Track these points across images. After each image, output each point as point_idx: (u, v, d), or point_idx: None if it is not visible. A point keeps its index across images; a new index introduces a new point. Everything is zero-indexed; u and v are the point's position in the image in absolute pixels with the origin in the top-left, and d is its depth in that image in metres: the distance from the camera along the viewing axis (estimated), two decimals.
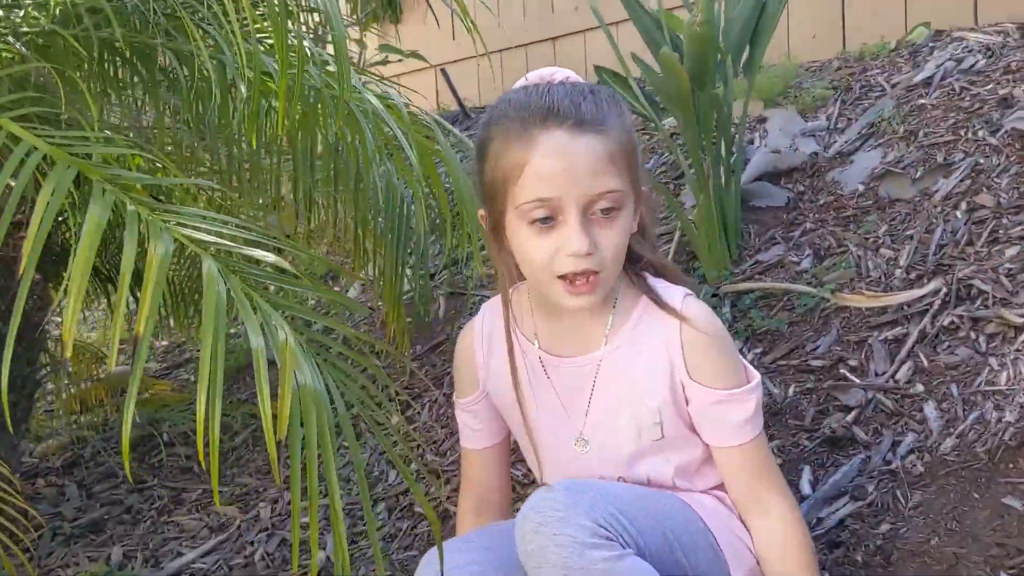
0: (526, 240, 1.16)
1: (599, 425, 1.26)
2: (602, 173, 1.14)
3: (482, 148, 1.21)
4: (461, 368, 1.39)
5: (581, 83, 1.21)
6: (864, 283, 1.85)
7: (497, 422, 1.39)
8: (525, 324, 1.31)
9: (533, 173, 1.13)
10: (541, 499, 1.08)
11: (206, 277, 0.86)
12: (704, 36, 1.88)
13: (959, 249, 1.79)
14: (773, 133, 2.44)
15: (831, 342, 1.77)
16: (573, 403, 1.28)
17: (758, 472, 1.23)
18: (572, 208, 1.13)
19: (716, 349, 1.22)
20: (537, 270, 1.18)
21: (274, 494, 2.12)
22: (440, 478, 1.93)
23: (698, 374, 1.21)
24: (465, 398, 1.39)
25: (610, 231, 1.15)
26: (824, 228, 2.06)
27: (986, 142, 1.99)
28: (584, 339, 1.26)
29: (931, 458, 1.46)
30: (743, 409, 1.21)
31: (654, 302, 1.24)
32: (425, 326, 2.61)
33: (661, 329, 1.23)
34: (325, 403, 0.89)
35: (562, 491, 1.08)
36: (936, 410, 1.53)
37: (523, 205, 1.14)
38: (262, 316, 0.88)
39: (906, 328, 1.72)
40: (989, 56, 2.29)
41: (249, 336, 0.85)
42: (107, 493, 2.37)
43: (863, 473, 1.49)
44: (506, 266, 1.25)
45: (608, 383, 1.25)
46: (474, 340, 1.36)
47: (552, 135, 1.13)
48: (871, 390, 1.63)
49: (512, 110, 1.17)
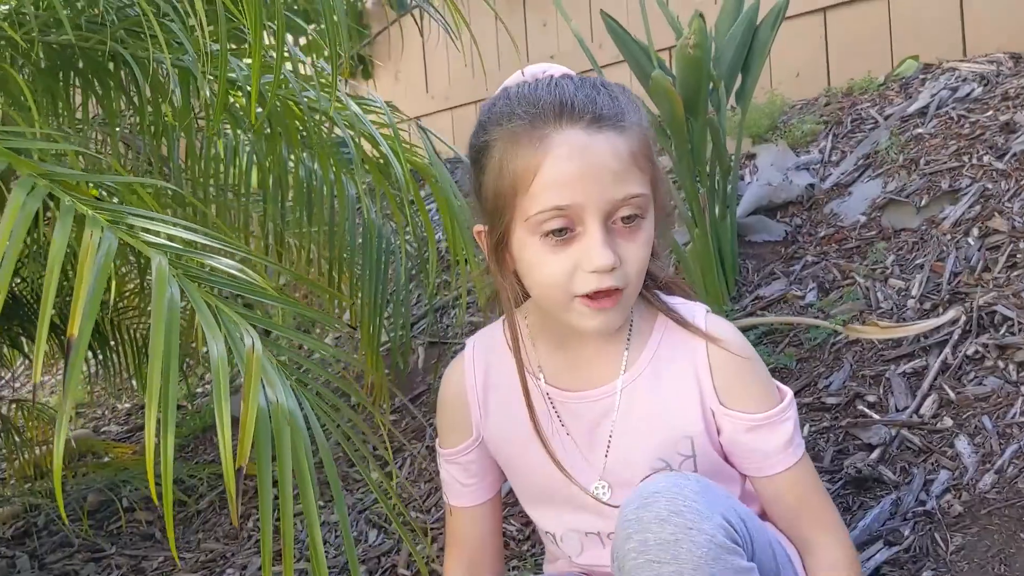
0: (538, 257, 1.00)
1: (621, 466, 1.09)
2: (625, 175, 0.99)
3: (480, 153, 1.05)
4: (448, 413, 1.20)
5: (589, 77, 1.07)
6: (875, 315, 1.74)
7: (492, 474, 1.21)
8: (527, 356, 1.14)
9: (547, 179, 0.98)
10: (674, 484, 0.92)
11: (155, 277, 0.72)
12: (697, 60, 1.79)
13: (975, 276, 1.69)
14: (764, 168, 2.35)
15: (845, 377, 1.65)
16: (589, 444, 1.11)
17: (806, 500, 1.08)
18: (593, 217, 0.98)
19: (748, 370, 1.08)
20: (551, 291, 1.02)
21: (242, 559, 1.94)
22: (427, 536, 1.77)
23: (730, 400, 1.07)
24: (453, 448, 1.19)
25: (634, 243, 1.00)
26: (827, 260, 1.96)
27: (993, 167, 1.90)
28: (598, 369, 1.11)
29: (969, 496, 1.33)
30: (782, 432, 1.07)
31: (676, 322, 1.09)
32: (404, 377, 2.46)
33: (685, 351, 1.08)
34: (300, 426, 0.75)
35: (695, 481, 0.93)
36: (970, 445, 1.41)
37: (535, 216, 0.98)
38: (224, 326, 0.74)
39: (925, 360, 1.60)
40: (985, 84, 2.22)
41: (208, 345, 0.71)
42: (61, 563, 2.17)
43: (895, 515, 1.36)
44: (512, 289, 1.08)
45: (629, 416, 1.09)
46: (464, 378, 1.18)
47: (568, 134, 0.98)
48: (894, 426, 1.50)
49: (517, 107, 1.01)
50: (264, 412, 0.71)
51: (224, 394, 0.70)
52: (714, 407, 1.07)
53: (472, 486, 1.21)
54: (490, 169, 1.03)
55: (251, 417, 0.69)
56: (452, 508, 1.23)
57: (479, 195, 1.06)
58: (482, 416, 1.17)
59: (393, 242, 2.20)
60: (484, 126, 1.05)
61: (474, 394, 1.18)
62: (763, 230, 2.12)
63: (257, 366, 0.71)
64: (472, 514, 1.22)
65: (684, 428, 1.07)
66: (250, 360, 0.71)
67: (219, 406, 0.70)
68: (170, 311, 0.70)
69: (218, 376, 0.70)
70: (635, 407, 1.09)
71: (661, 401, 1.08)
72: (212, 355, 0.71)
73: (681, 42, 1.77)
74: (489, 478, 1.21)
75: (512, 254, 1.05)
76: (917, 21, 2.61)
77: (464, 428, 1.19)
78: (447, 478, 1.22)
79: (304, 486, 0.74)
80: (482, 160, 1.04)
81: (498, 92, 1.07)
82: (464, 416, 1.18)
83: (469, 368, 1.19)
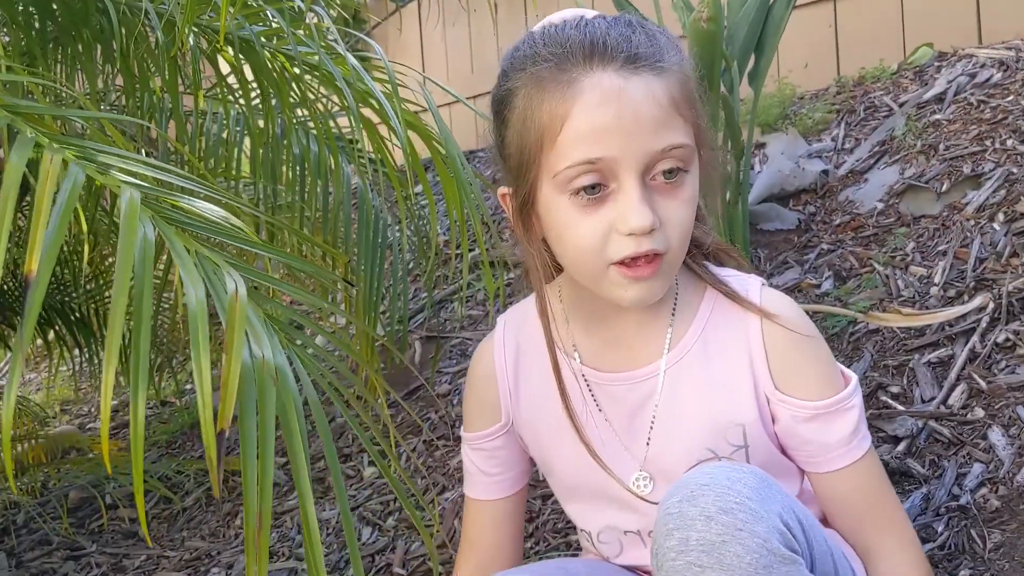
0: (567, 218, 0.89)
1: (665, 457, 0.98)
2: (665, 123, 0.87)
3: (502, 104, 0.93)
4: (476, 395, 1.10)
5: (624, 15, 0.95)
6: (896, 303, 1.65)
7: (519, 467, 1.11)
8: (560, 335, 1.03)
9: (577, 128, 0.86)
10: (726, 476, 0.80)
11: (125, 213, 0.63)
12: (711, 35, 1.71)
13: (1002, 262, 1.61)
14: (775, 157, 2.27)
15: (866, 367, 1.56)
16: (629, 431, 1.00)
17: (873, 501, 0.97)
18: (629, 172, 0.86)
19: (809, 351, 0.96)
20: (582, 257, 0.90)
21: (228, 558, 1.84)
22: (421, 534, 1.68)
23: (787, 385, 0.95)
24: (479, 432, 1.09)
25: (676, 201, 0.88)
26: (843, 248, 1.87)
27: (1017, 151, 1.82)
28: (639, 348, 0.99)
29: (1007, 491, 1.24)
30: (846, 421, 0.95)
31: (726, 295, 0.97)
32: (400, 372, 2.37)
33: (738, 329, 0.96)
34: (291, 387, 0.66)
35: (751, 474, 0.81)
36: (1004, 436, 1.32)
37: (564, 172, 0.87)
38: (204, 271, 0.65)
39: (950, 349, 1.52)
40: (1005, 70, 2.15)
41: (185, 289, 0.62)
42: (39, 562, 2.07)
43: (927, 510, 1.27)
44: (541, 256, 0.95)
45: (673, 402, 0.98)
46: (495, 358, 1.07)
47: (599, 77, 0.86)
48: (921, 417, 1.42)
49: (543, 48, 0.89)
50: (249, 369, 0.62)
51: (203, 349, 0.61)
52: (768, 392, 0.96)
53: (495, 476, 1.10)
54: (513, 121, 0.92)
55: (234, 373, 0.60)
56: (470, 500, 1.13)
57: (502, 152, 0.95)
58: (512, 400, 1.07)
59: (392, 236, 2.12)
60: (506, 73, 0.93)
61: (504, 376, 1.07)
62: (775, 218, 2.04)
63: (241, 315, 0.62)
64: (491, 510, 1.11)
65: (735, 415, 0.96)
66: (232, 307, 0.62)
67: (198, 362, 0.61)
68: (143, 256, 0.61)
69: (196, 328, 0.61)
70: (680, 390, 0.98)
71: (709, 384, 0.97)
72: (190, 303, 0.62)
73: (694, 15, 1.69)
74: (515, 471, 1.11)
75: (540, 217, 0.93)
76: (930, 9, 2.53)
77: (492, 412, 1.08)
78: (469, 466, 1.12)
79: (295, 453, 0.65)
80: (504, 112, 0.93)
81: (524, 35, 0.95)
82: (492, 399, 1.08)
83: (499, 347, 1.08)
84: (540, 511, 1.60)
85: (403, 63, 1.59)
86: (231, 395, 0.60)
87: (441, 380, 2.23)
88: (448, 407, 2.08)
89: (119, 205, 0.64)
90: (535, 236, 0.95)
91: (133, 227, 0.62)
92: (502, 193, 0.98)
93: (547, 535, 1.55)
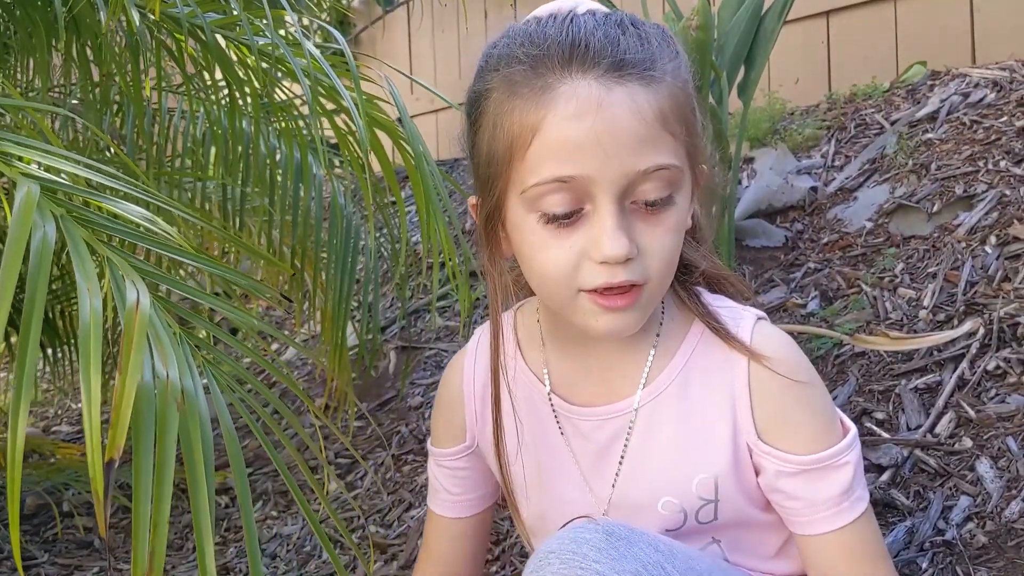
0: (536, 239, 0.80)
1: (629, 502, 0.90)
2: (650, 141, 0.77)
3: (473, 106, 0.85)
4: (443, 412, 1.03)
5: (617, 12, 0.83)
6: (883, 326, 1.60)
7: (483, 488, 1.04)
8: (533, 356, 0.95)
9: (548, 141, 0.77)
10: (572, 540, 0.75)
11: (18, 207, 0.55)
12: (700, 43, 1.66)
13: (994, 286, 1.55)
14: (763, 172, 2.21)
15: (850, 392, 1.50)
16: (595, 470, 0.91)
17: (865, 570, 0.86)
18: (605, 193, 0.77)
19: (801, 398, 0.86)
20: (551, 283, 0.81)
21: (184, 572, 1.77)
22: (385, 553, 1.61)
23: (773, 435, 0.86)
24: (444, 449, 1.02)
25: (659, 228, 0.79)
26: (830, 268, 1.82)
27: (1010, 172, 1.77)
28: (615, 381, 0.91)
29: (994, 526, 1.18)
30: (838, 479, 0.85)
31: (713, 330, 0.88)
32: (373, 382, 2.31)
33: (723, 369, 0.87)
34: (201, 411, 0.58)
35: (602, 534, 0.75)
36: (992, 468, 1.26)
37: (532, 189, 0.78)
38: (111, 273, 0.58)
39: (939, 375, 1.46)
40: (998, 90, 2.10)
41: (79, 296, 0.55)
42: None
43: (911, 545, 1.21)
44: (502, 278, 0.87)
45: (645, 442, 0.89)
46: (464, 375, 1.00)
47: (577, 85, 0.77)
48: (906, 446, 1.36)
49: (519, 48, 0.80)
50: (150, 391, 0.55)
51: (94, 366, 0.54)
52: (751, 442, 0.87)
53: (458, 496, 1.04)
54: (484, 126, 0.83)
55: (127, 395, 0.53)
56: (432, 512, 1.06)
57: (472, 157, 0.87)
58: (479, 423, 0.99)
59: (363, 236, 2.05)
60: (481, 71, 0.85)
61: (471, 396, 0.99)
62: (762, 234, 1.99)
63: (140, 329, 0.55)
64: (451, 526, 1.04)
65: (708, 464, 0.87)
66: (131, 320, 0.55)
67: (86, 382, 0.54)
68: (39, 257, 0.54)
69: (87, 342, 0.54)
70: (653, 431, 0.89)
71: (684, 428, 0.88)
72: (82, 313, 0.54)
73: (683, 23, 1.63)
74: (478, 492, 1.04)
75: (507, 234, 0.85)
76: (925, 27, 2.49)
77: (457, 432, 1.01)
78: (433, 481, 1.05)
79: (197, 489, 0.58)
80: (475, 114, 0.84)
81: (505, 30, 0.86)
82: (459, 419, 1.01)
83: (470, 364, 1.00)
84: (508, 533, 1.53)
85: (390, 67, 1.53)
86: (123, 420, 0.53)
87: (414, 392, 2.16)
88: (419, 420, 2.01)
89: (15, 198, 0.57)
90: (499, 253, 0.87)
91: (26, 223, 0.55)
92: (471, 203, 0.90)
93: (514, 559, 1.48)
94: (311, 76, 1.03)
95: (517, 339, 0.97)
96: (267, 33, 1.00)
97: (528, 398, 0.94)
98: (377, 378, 2.34)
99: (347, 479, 1.93)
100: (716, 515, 0.88)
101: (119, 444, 0.53)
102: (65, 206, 0.61)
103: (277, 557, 1.74)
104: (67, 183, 0.66)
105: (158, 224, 0.67)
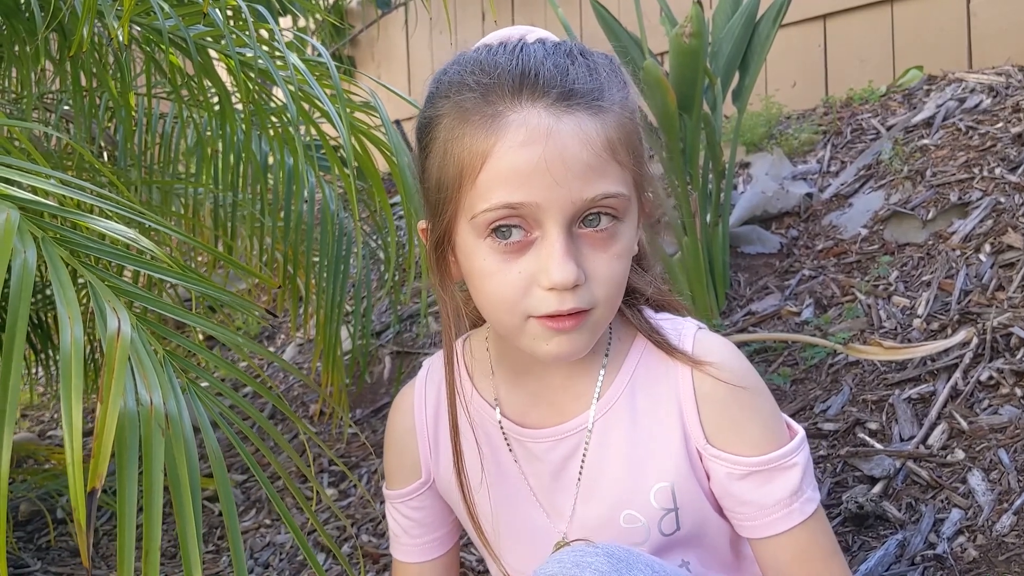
0: (485, 264, 0.81)
1: (592, 519, 0.90)
2: (598, 169, 0.79)
3: (423, 132, 0.85)
4: (395, 449, 1.01)
5: (566, 42, 0.85)
6: (877, 334, 1.59)
7: (447, 526, 1.03)
8: (483, 384, 0.95)
9: (498, 168, 0.78)
10: (575, 564, 0.75)
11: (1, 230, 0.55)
12: (693, 51, 1.65)
13: (988, 295, 1.55)
14: (759, 177, 2.21)
15: (844, 402, 1.50)
16: (551, 492, 0.92)
17: (818, 570, 0.87)
18: (554, 221, 0.78)
19: (743, 402, 0.87)
20: (500, 309, 0.82)
21: None
22: (377, 564, 1.61)
23: (721, 439, 0.87)
24: (399, 489, 1.01)
25: (606, 254, 0.81)
26: (825, 275, 1.81)
27: (1005, 180, 1.77)
28: (566, 403, 0.91)
29: (985, 540, 1.18)
30: (787, 479, 0.86)
31: (656, 344, 0.89)
32: (367, 388, 2.30)
33: (668, 380, 0.89)
34: (187, 435, 0.58)
35: (603, 556, 0.76)
36: (984, 481, 1.25)
37: (482, 215, 0.79)
38: (97, 299, 0.57)
39: (932, 385, 1.45)
40: (994, 96, 2.09)
41: (60, 325, 0.54)
42: None
43: (902, 559, 1.20)
44: (453, 303, 0.88)
45: (601, 459, 0.90)
46: (415, 408, 0.99)
47: (527, 114, 0.78)
48: (898, 457, 1.35)
49: (470, 75, 0.81)
50: (133, 417, 0.55)
51: (75, 394, 0.54)
52: (700, 446, 0.87)
53: (420, 539, 1.02)
54: (434, 152, 0.83)
55: (109, 423, 0.53)
56: (397, 562, 1.04)
57: (422, 182, 0.87)
58: (433, 455, 0.98)
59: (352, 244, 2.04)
60: (432, 98, 0.85)
61: (424, 428, 0.98)
62: (757, 241, 1.98)
63: (122, 357, 0.54)
64: (418, 572, 1.03)
65: (662, 474, 0.88)
66: (112, 348, 0.55)
67: (67, 410, 0.54)
68: (19, 284, 0.53)
69: (67, 370, 0.54)
70: (608, 446, 0.89)
71: (635, 440, 0.89)
72: (63, 343, 0.54)
73: (677, 30, 1.62)
74: (442, 531, 1.03)
75: (457, 260, 0.85)
76: (921, 32, 2.48)
77: (411, 468, 1.00)
78: (393, 526, 1.04)
79: (183, 515, 0.58)
80: (425, 140, 0.85)
81: (455, 57, 0.87)
82: (412, 454, 0.99)
83: (420, 396, 0.99)
84: (478, 569, 1.52)
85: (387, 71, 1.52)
86: (104, 449, 0.52)
87: None
88: None
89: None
90: (451, 277, 0.87)
91: (5, 251, 0.54)
92: (421, 227, 0.90)
93: None
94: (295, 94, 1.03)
95: (467, 367, 0.97)
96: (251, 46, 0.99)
97: (480, 424, 0.94)
98: (372, 384, 2.34)
99: (340, 487, 1.93)
100: (678, 524, 0.89)
101: (101, 472, 0.53)
102: (47, 228, 0.61)
103: (270, 566, 1.74)
104: (51, 204, 0.65)
105: (141, 243, 0.66)
